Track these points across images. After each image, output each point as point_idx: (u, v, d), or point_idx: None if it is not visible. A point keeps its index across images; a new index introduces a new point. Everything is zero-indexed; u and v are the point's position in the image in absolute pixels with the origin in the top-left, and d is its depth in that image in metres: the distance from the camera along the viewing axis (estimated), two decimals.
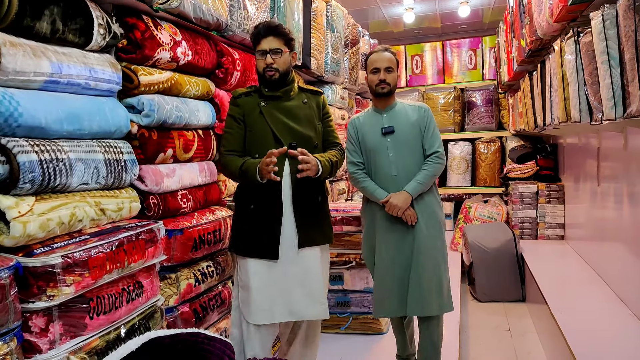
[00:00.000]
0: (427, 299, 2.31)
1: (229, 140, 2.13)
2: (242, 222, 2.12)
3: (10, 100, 1.33)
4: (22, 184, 1.35)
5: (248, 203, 2.10)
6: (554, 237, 4.71)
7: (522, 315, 3.88)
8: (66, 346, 1.40)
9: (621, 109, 1.95)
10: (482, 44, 6.52)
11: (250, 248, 2.07)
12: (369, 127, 2.44)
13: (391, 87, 2.40)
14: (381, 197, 2.36)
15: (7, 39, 1.33)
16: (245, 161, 2.05)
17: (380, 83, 2.39)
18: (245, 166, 2.03)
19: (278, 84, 2.13)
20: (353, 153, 2.47)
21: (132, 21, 1.86)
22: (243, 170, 2.02)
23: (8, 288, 1.25)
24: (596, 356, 2.30)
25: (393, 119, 2.42)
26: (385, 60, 2.39)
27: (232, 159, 2.09)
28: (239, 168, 2.03)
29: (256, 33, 2.11)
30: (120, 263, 1.58)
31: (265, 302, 2.05)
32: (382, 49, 2.44)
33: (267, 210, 2.07)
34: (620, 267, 2.98)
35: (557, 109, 2.88)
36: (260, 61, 2.11)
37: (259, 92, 2.16)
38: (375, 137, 2.41)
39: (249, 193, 2.10)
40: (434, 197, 2.44)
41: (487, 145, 6.08)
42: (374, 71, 2.40)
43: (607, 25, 1.95)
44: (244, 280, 2.09)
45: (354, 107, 5.10)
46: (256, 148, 2.09)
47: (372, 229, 2.45)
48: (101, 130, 1.67)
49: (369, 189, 2.40)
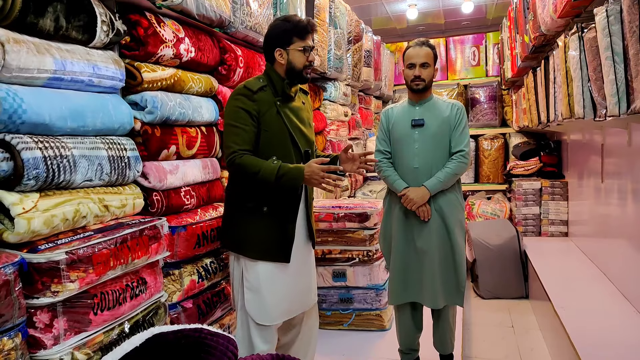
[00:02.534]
0: (439, 293, 2.39)
1: (243, 137, 1.96)
2: (253, 224, 2.03)
3: (14, 97, 1.34)
4: (26, 180, 1.35)
5: (259, 205, 2.01)
6: (558, 234, 4.70)
7: (525, 312, 3.88)
8: (70, 342, 1.41)
9: (625, 105, 1.94)
10: (486, 40, 6.49)
11: (263, 251, 2.02)
12: (401, 118, 2.47)
13: (426, 83, 2.40)
14: (400, 189, 2.40)
15: (11, 36, 1.34)
16: (281, 165, 1.92)
17: (415, 79, 2.39)
18: (284, 171, 1.90)
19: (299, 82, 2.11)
20: (382, 141, 2.51)
21: (135, 18, 1.87)
22: (280, 174, 1.89)
23: (13, 284, 1.26)
24: (599, 353, 2.29)
25: (425, 112, 2.43)
26: (422, 56, 2.38)
27: (256, 159, 1.93)
28: (275, 171, 1.89)
29: (304, 26, 2.05)
30: (124, 259, 1.58)
31: (279, 304, 2.05)
32: (420, 43, 2.42)
33: (282, 212, 2.04)
34: (624, 263, 2.97)
35: (560, 105, 2.86)
36: (302, 58, 2.04)
37: (273, 89, 2.06)
38: (405, 128, 2.44)
39: (260, 194, 2.01)
40: (455, 196, 2.45)
41: (490, 141, 6.06)
42: (410, 66, 2.40)
43: (611, 20, 1.94)
44: (253, 283, 2.03)
45: (357, 103, 5.09)
46: (272, 150, 1.99)
47: (389, 218, 2.51)
48: (105, 127, 1.68)
49: (390, 179, 2.45)
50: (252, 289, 2.04)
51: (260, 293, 2.03)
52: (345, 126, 4.45)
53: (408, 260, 2.43)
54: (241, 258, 2.07)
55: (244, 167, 1.92)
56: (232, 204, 2.10)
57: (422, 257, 2.40)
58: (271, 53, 2.07)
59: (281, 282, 2.05)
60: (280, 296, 2.05)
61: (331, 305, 3.16)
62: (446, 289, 2.40)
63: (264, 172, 1.90)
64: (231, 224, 2.09)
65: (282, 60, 2.06)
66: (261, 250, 2.02)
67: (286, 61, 2.05)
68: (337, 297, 3.14)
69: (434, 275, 2.38)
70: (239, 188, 2.06)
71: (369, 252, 3.07)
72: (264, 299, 2.02)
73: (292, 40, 2.04)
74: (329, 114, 3.99)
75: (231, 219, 2.09)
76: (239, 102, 1.99)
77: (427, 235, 2.39)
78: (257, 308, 2.03)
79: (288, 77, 2.07)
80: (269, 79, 2.07)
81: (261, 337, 2.05)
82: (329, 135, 3.99)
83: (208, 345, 1.04)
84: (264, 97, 2.02)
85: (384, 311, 3.12)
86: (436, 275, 2.38)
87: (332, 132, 4.04)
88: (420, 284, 2.41)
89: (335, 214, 3.08)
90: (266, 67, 2.12)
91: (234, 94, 2.04)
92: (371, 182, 5.15)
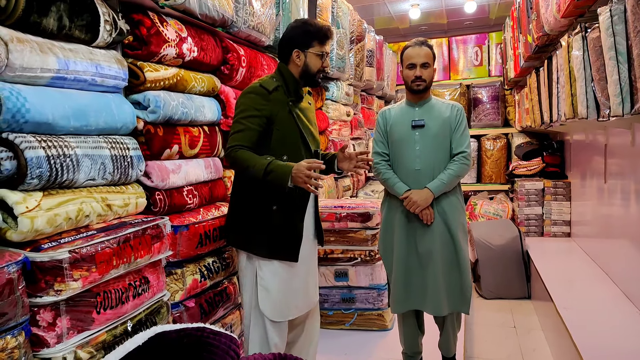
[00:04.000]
0: (443, 300, 2.34)
1: (249, 135, 1.95)
2: (264, 223, 2.02)
3: (17, 96, 1.34)
4: (29, 179, 1.36)
5: (269, 204, 2.01)
6: (560, 235, 4.69)
7: (527, 313, 3.87)
8: (73, 340, 1.41)
9: (629, 105, 1.94)
10: (489, 40, 6.48)
11: (275, 249, 2.02)
12: (400, 119, 2.42)
13: (427, 83, 2.37)
14: (401, 191, 2.35)
15: (14, 35, 1.34)
16: (272, 161, 1.89)
17: (416, 80, 2.35)
18: (273, 167, 1.87)
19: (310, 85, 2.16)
20: (379, 143, 2.47)
21: (138, 17, 1.87)
22: (269, 170, 1.87)
23: (16, 282, 1.26)
24: (602, 353, 2.29)
25: (425, 113, 2.39)
26: (422, 56, 2.34)
27: (251, 154, 1.93)
28: (264, 167, 1.87)
29: (325, 32, 2.08)
30: (126, 258, 1.59)
31: (292, 300, 2.07)
32: (419, 42, 2.38)
33: (291, 211, 2.04)
34: (627, 264, 2.96)
35: (564, 105, 2.86)
36: (318, 62, 2.07)
37: (285, 88, 2.06)
38: (404, 129, 2.39)
39: (269, 193, 2.00)
40: (456, 198, 2.41)
41: (493, 142, 6.05)
42: (410, 67, 2.36)
43: (615, 20, 1.93)
44: (269, 281, 2.04)
45: (359, 103, 5.09)
46: (283, 149, 2.00)
47: (390, 223, 2.45)
48: (107, 126, 1.68)
49: (390, 182, 2.39)
50: (266, 287, 2.04)
51: (275, 291, 2.04)
52: (348, 126, 4.45)
53: (410, 265, 2.37)
54: (254, 257, 2.06)
55: (238, 160, 1.93)
56: (240, 202, 2.09)
57: (425, 263, 2.35)
58: (288, 53, 2.07)
59: (293, 280, 2.08)
60: (293, 293, 2.08)
61: (333, 305, 3.16)
62: (450, 295, 2.35)
63: (254, 167, 1.89)
64: (241, 222, 2.08)
65: (298, 61, 2.06)
66: (273, 249, 2.02)
67: (302, 63, 2.06)
68: (339, 296, 3.14)
69: (437, 281, 2.33)
70: (247, 186, 2.05)
71: (371, 252, 3.07)
72: (279, 296, 2.04)
73: (312, 43, 2.06)
74: (331, 113, 3.99)
75: (241, 218, 2.08)
76: (252, 102, 1.99)
77: (430, 240, 2.34)
78: (272, 306, 2.04)
79: (301, 79, 2.10)
80: (282, 78, 2.07)
81: (276, 332, 2.07)
82: (331, 135, 3.99)
83: (210, 344, 1.04)
84: (278, 97, 2.03)
85: (386, 311, 3.12)
86: (440, 282, 2.33)
87: (334, 132, 4.04)
88: (423, 291, 2.36)
89: (338, 214, 3.08)
90: (280, 67, 2.11)
91: (249, 90, 2.03)
92: (373, 182, 5.14)
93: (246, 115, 1.97)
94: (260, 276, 2.05)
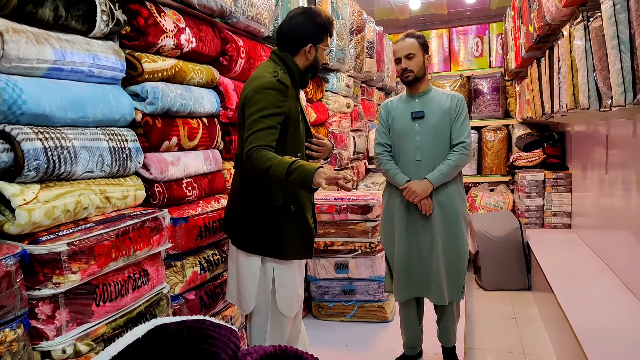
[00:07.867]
0: (445, 290, 2.38)
1: (273, 135, 1.80)
2: (283, 226, 1.93)
3: (13, 88, 1.33)
4: (26, 171, 1.35)
5: (287, 204, 1.92)
6: (561, 226, 4.69)
7: (528, 304, 3.88)
8: (73, 333, 1.41)
9: (631, 95, 1.92)
10: (489, 31, 6.44)
11: (296, 250, 1.98)
12: (400, 111, 2.46)
13: (415, 73, 2.38)
14: (401, 182, 2.38)
15: (9, 26, 1.32)
16: (296, 159, 1.74)
17: (403, 72, 2.39)
18: (297, 165, 1.71)
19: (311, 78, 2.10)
20: (381, 134, 2.50)
21: (135, 7, 1.85)
22: (293, 168, 1.70)
23: (14, 275, 1.25)
24: (602, 344, 2.29)
25: (425, 104, 2.42)
26: (405, 48, 2.38)
27: (274, 155, 1.76)
28: (287, 165, 1.70)
29: (333, 25, 2.04)
30: (125, 251, 1.58)
31: (300, 292, 2.08)
32: (403, 36, 2.42)
33: (304, 210, 2.00)
34: (628, 255, 2.96)
35: (565, 95, 2.84)
36: (323, 56, 2.01)
37: (292, 81, 1.95)
38: (405, 120, 2.43)
39: (284, 193, 1.91)
40: (457, 188, 2.43)
41: (493, 133, 6.04)
42: (397, 61, 2.42)
43: (618, 9, 1.91)
44: (288, 279, 1.98)
45: (359, 95, 5.06)
46: (297, 145, 1.94)
47: (391, 213, 2.49)
48: (105, 118, 1.67)
49: (391, 172, 2.43)
50: (284, 286, 1.98)
51: (291, 288, 2.01)
52: (348, 117, 4.43)
53: (411, 254, 2.42)
54: (268, 259, 1.97)
55: (260, 160, 1.75)
56: (252, 207, 1.95)
57: (425, 252, 2.39)
58: (300, 46, 1.95)
59: (300, 274, 2.09)
60: (300, 287, 2.08)
61: (333, 297, 3.16)
62: (450, 284, 2.40)
63: (276, 166, 1.72)
64: (256, 228, 1.95)
65: (310, 55, 1.97)
66: (293, 250, 1.97)
67: (313, 57, 1.98)
68: (339, 288, 3.14)
69: (438, 270, 2.37)
70: (259, 190, 1.93)
71: (371, 243, 3.07)
72: (293, 292, 2.02)
73: (324, 37, 2.00)
74: (331, 105, 3.97)
75: (255, 223, 1.95)
76: (273, 98, 1.83)
77: (430, 229, 2.38)
78: (290, 302, 2.01)
79: (306, 72, 2.02)
80: (289, 71, 1.96)
81: (289, 327, 2.07)
82: (331, 127, 3.97)
83: (210, 337, 1.04)
84: (291, 92, 1.94)
85: (387, 302, 3.13)
86: (441, 271, 2.37)
87: (334, 124, 4.02)
88: (425, 279, 2.40)
89: (338, 206, 3.08)
90: (284, 58, 1.97)
91: (267, 86, 1.84)
92: (373, 174, 5.13)
93: (267, 113, 1.81)
94: (278, 275, 1.98)
